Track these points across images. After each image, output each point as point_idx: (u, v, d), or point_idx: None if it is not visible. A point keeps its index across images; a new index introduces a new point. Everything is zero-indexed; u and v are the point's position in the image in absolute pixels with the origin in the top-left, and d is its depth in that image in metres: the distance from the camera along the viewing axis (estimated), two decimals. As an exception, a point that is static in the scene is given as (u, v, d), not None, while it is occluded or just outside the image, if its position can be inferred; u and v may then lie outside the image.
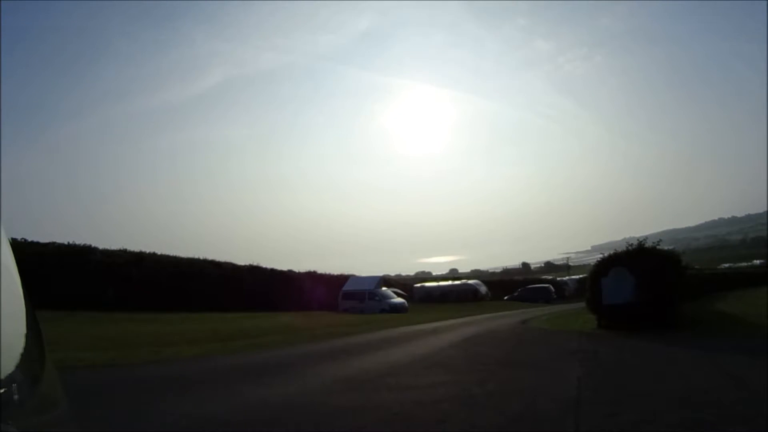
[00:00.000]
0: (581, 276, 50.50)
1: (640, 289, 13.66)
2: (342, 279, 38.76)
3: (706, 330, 13.30)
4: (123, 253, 26.82)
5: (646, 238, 15.35)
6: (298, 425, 5.24)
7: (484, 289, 52.31)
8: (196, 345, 12.51)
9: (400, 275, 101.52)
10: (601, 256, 15.95)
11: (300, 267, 41.02)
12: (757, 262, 76.98)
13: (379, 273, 48.64)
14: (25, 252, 20.83)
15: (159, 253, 28.88)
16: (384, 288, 38.10)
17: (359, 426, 5.10)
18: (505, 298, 50.53)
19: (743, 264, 76.52)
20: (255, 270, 33.53)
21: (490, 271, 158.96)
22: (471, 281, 57.46)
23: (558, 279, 68.30)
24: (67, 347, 9.60)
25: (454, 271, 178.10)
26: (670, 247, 23.67)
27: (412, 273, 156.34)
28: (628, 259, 14.59)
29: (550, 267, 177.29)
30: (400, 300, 36.41)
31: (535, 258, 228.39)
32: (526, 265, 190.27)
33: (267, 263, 36.41)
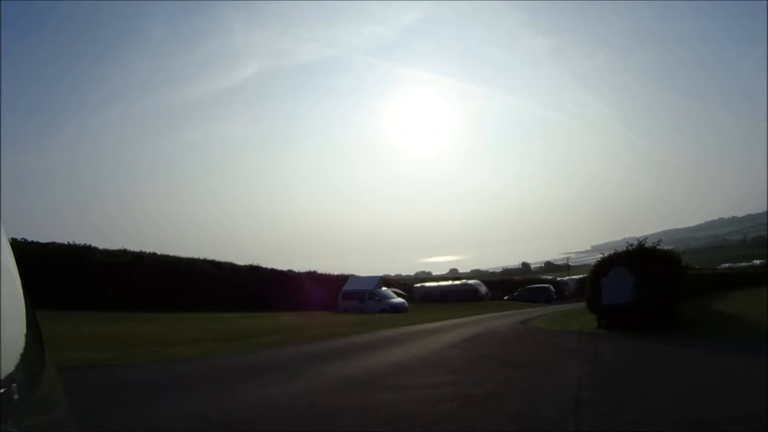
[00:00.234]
0: (581, 276, 50.51)
1: (640, 289, 13.66)
2: (342, 279, 38.76)
3: (706, 330, 13.29)
4: (123, 253, 26.86)
5: (646, 238, 15.35)
6: (298, 425, 5.24)
7: (484, 289, 52.37)
8: (196, 345, 12.52)
9: (400, 275, 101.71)
10: (601, 256, 15.95)
11: (300, 267, 41.15)
12: (757, 262, 76.84)
13: (379, 273, 48.76)
14: (25, 252, 20.88)
15: (159, 253, 28.96)
16: (384, 288, 38.09)
17: (359, 426, 5.10)
18: (505, 298, 50.58)
19: (743, 264, 76.35)
20: (255, 270, 33.57)
21: (490, 271, 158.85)
22: (471, 281, 57.54)
23: (558, 279, 68.43)
24: (67, 347, 9.59)
25: (454, 271, 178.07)
26: (670, 247, 23.61)
27: (412, 273, 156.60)
28: (628, 259, 14.59)
29: (550, 267, 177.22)
30: (400, 300, 36.41)
31: (535, 258, 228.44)
32: (526, 265, 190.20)
33: (267, 263, 36.59)
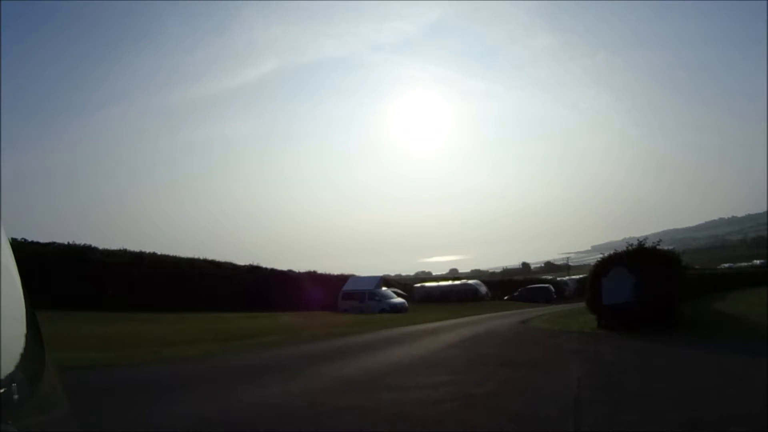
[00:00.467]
0: (581, 276, 50.51)
1: (640, 289, 13.66)
2: (342, 279, 38.75)
3: (705, 330, 13.29)
4: (123, 253, 26.85)
5: (646, 238, 15.36)
6: (298, 425, 5.24)
7: (484, 289, 52.36)
8: (196, 345, 12.52)
9: (400, 275, 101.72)
10: (601, 256, 15.96)
11: (300, 267, 41.09)
12: (757, 262, 76.84)
13: (379, 273, 48.78)
14: (25, 252, 20.87)
15: (159, 253, 28.95)
16: (384, 288, 38.08)
17: (359, 426, 5.10)
18: (505, 298, 50.57)
19: (743, 264, 76.34)
20: (255, 270, 33.56)
21: (490, 271, 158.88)
22: (471, 281, 57.53)
23: (558, 279, 68.41)
24: (67, 347, 9.59)
25: (454, 271, 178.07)
26: (670, 247, 23.67)
27: (412, 273, 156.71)
28: (628, 259, 14.60)
29: (550, 267, 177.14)
30: (400, 300, 36.39)
31: (535, 258, 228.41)
32: (526, 265, 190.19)
33: (267, 263, 36.57)
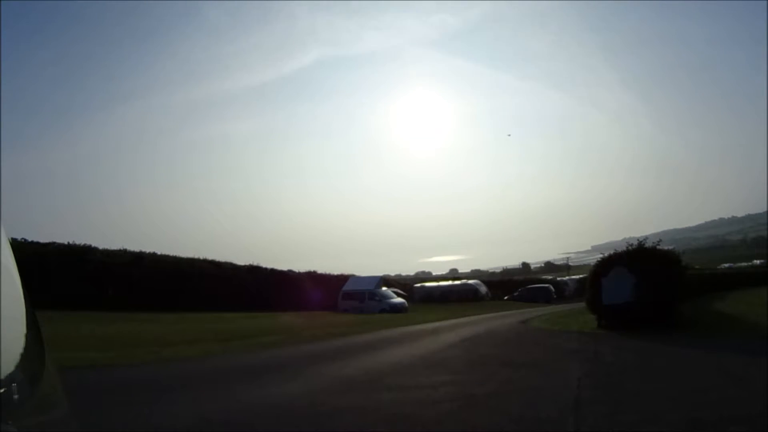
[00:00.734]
0: (581, 276, 50.50)
1: (640, 289, 13.66)
2: (342, 279, 38.75)
3: (705, 330, 13.29)
4: (123, 253, 26.87)
5: (646, 238, 15.37)
6: (298, 425, 5.24)
7: (484, 289, 52.36)
8: (196, 345, 12.53)
9: (400, 275, 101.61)
10: (601, 256, 15.97)
11: (300, 267, 40.93)
12: (757, 262, 76.83)
13: (379, 273, 48.73)
14: (25, 252, 20.88)
15: (159, 254, 28.97)
16: (384, 288, 38.10)
17: (359, 426, 5.10)
18: (505, 298, 50.56)
19: (743, 264, 76.31)
20: (255, 270, 33.57)
21: (490, 271, 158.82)
22: (471, 281, 57.51)
23: (558, 279, 68.37)
24: (67, 347, 9.59)
25: (454, 271, 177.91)
26: (670, 247, 23.63)
27: (412, 273, 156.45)
28: (628, 259, 14.60)
29: (550, 267, 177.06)
30: (400, 300, 36.40)
31: (535, 258, 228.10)
32: (526, 265, 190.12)
33: (267, 263, 36.55)
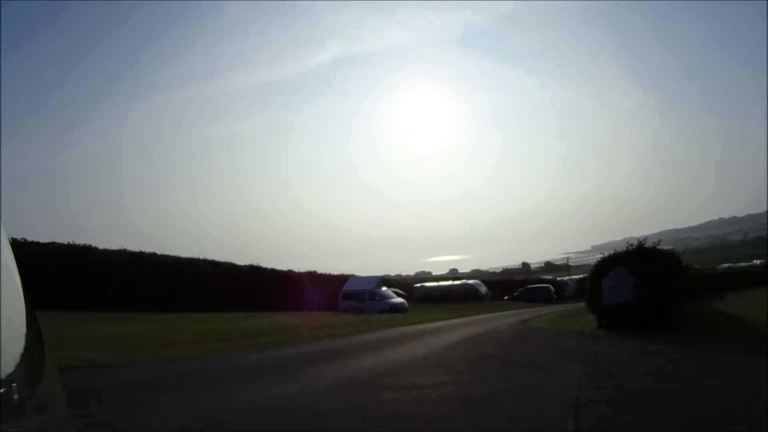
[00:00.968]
0: (581, 276, 50.54)
1: (640, 289, 13.66)
2: (342, 279, 38.73)
3: (706, 330, 13.30)
4: (123, 253, 26.83)
5: (646, 238, 15.37)
6: (298, 425, 5.24)
7: (484, 289, 52.34)
8: (196, 345, 12.53)
9: (400, 275, 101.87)
10: (601, 256, 15.97)
11: (300, 267, 40.94)
12: (757, 262, 76.95)
13: (379, 273, 48.67)
14: (25, 252, 20.86)
15: (159, 253, 28.91)
16: (384, 288, 38.06)
17: (359, 426, 5.10)
18: (505, 298, 50.53)
19: (743, 264, 76.41)
20: (255, 270, 33.53)
21: (490, 271, 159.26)
22: (471, 281, 57.50)
23: (558, 279, 68.34)
24: (67, 347, 9.59)
25: (454, 271, 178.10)
26: (670, 247, 23.64)
27: (412, 273, 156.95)
28: (628, 259, 14.60)
29: (550, 267, 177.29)
30: (400, 300, 36.38)
31: (535, 258, 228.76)
32: (526, 265, 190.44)
33: (267, 263, 36.45)
